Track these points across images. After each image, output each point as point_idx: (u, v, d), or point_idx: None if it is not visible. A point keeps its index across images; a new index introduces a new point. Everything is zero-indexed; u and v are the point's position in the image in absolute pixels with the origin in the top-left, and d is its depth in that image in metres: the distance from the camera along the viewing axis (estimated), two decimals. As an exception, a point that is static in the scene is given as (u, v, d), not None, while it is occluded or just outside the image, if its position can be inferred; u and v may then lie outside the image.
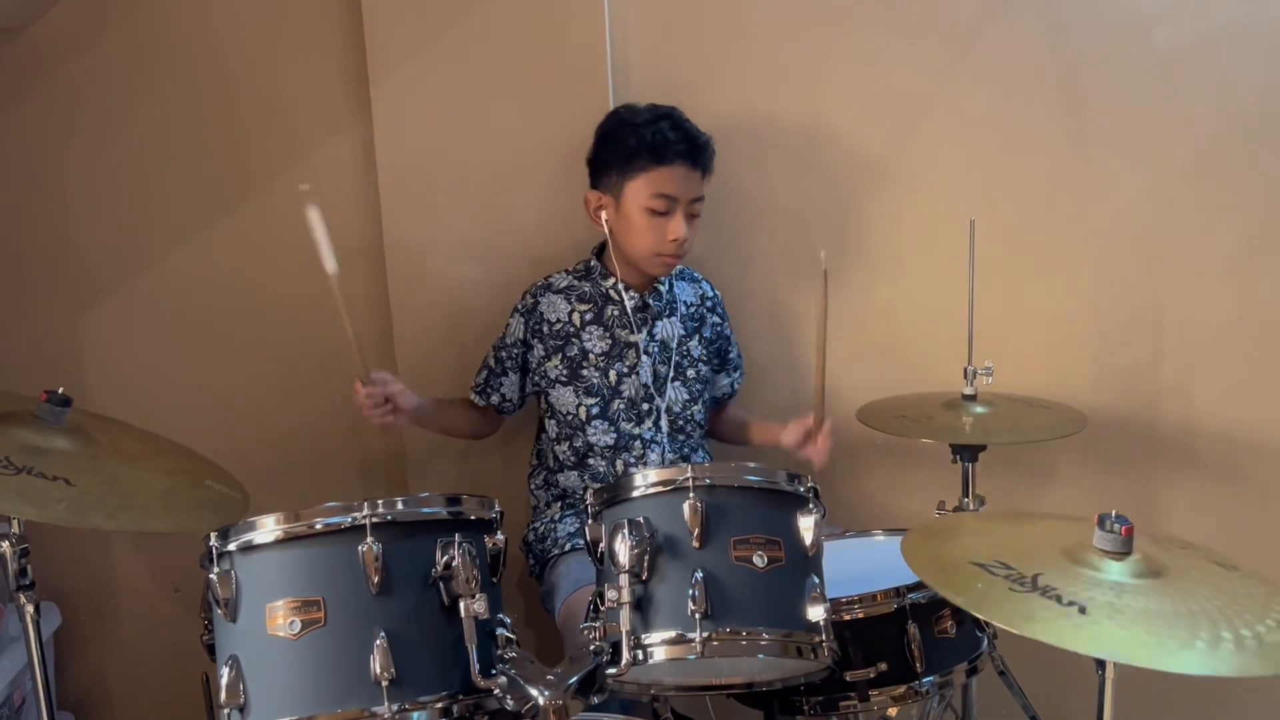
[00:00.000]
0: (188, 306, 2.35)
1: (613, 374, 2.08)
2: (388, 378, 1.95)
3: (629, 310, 2.08)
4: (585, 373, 2.07)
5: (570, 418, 2.08)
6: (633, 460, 2.09)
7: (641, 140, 1.97)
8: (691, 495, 1.39)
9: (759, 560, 1.39)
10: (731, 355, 2.25)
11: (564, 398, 2.08)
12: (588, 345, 2.08)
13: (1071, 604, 1.25)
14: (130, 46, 2.27)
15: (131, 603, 2.46)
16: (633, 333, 2.08)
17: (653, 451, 2.10)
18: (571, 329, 2.08)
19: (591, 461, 2.09)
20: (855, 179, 2.29)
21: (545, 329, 2.08)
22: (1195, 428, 2.28)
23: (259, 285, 2.35)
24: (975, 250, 1.98)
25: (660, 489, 1.42)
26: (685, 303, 2.16)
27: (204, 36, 2.28)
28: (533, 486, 2.20)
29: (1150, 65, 2.19)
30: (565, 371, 2.08)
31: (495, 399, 2.14)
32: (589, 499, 1.49)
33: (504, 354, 2.12)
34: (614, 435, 2.08)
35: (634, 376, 2.08)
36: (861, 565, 1.84)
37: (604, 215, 2.04)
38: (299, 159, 2.31)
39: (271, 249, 2.33)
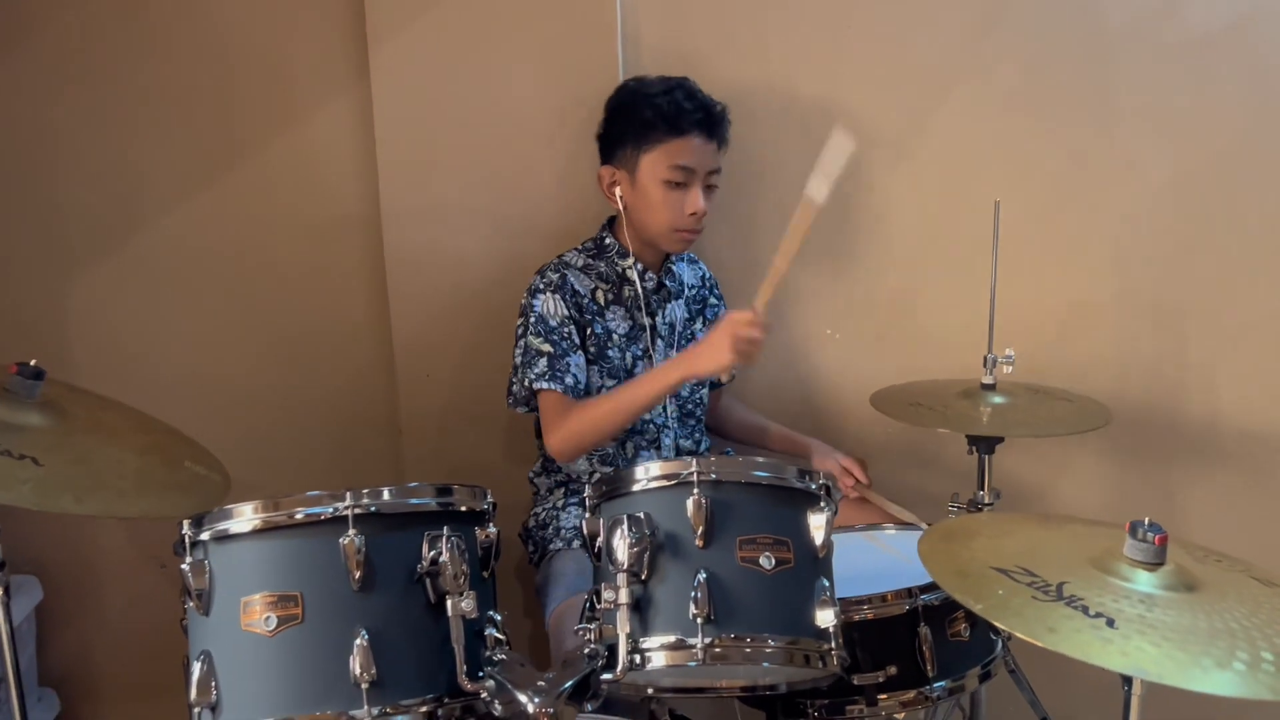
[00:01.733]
0: (179, 273, 2.28)
1: (629, 356, 2.00)
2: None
3: (645, 292, 2.00)
4: (610, 354, 1.98)
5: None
6: (644, 444, 2.02)
7: (657, 110, 1.90)
8: (696, 491, 1.32)
9: (766, 561, 1.32)
10: None
11: (591, 377, 1.98)
12: (611, 325, 1.99)
13: (1099, 615, 1.17)
14: (123, 2, 2.18)
15: (116, 578, 2.39)
16: (647, 315, 2.01)
17: (666, 436, 2.03)
18: (595, 307, 1.99)
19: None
20: (873, 157, 2.20)
21: (580, 302, 1.97)
22: (1220, 423, 2.21)
23: (252, 253, 2.28)
24: (999, 233, 1.90)
25: (663, 483, 1.35)
26: (688, 285, 2.10)
27: (200, -6, 2.19)
28: (532, 474, 2.12)
29: (1182, 46, 2.11)
30: (593, 349, 1.98)
31: (570, 380, 1.91)
32: (587, 491, 1.41)
33: (555, 336, 1.91)
34: None
35: (647, 360, 2.01)
36: (871, 561, 1.78)
37: (618, 191, 1.96)
38: (294, 122, 2.22)
39: (266, 216, 2.26)
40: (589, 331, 1.97)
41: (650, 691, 1.41)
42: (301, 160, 2.23)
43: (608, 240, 2.02)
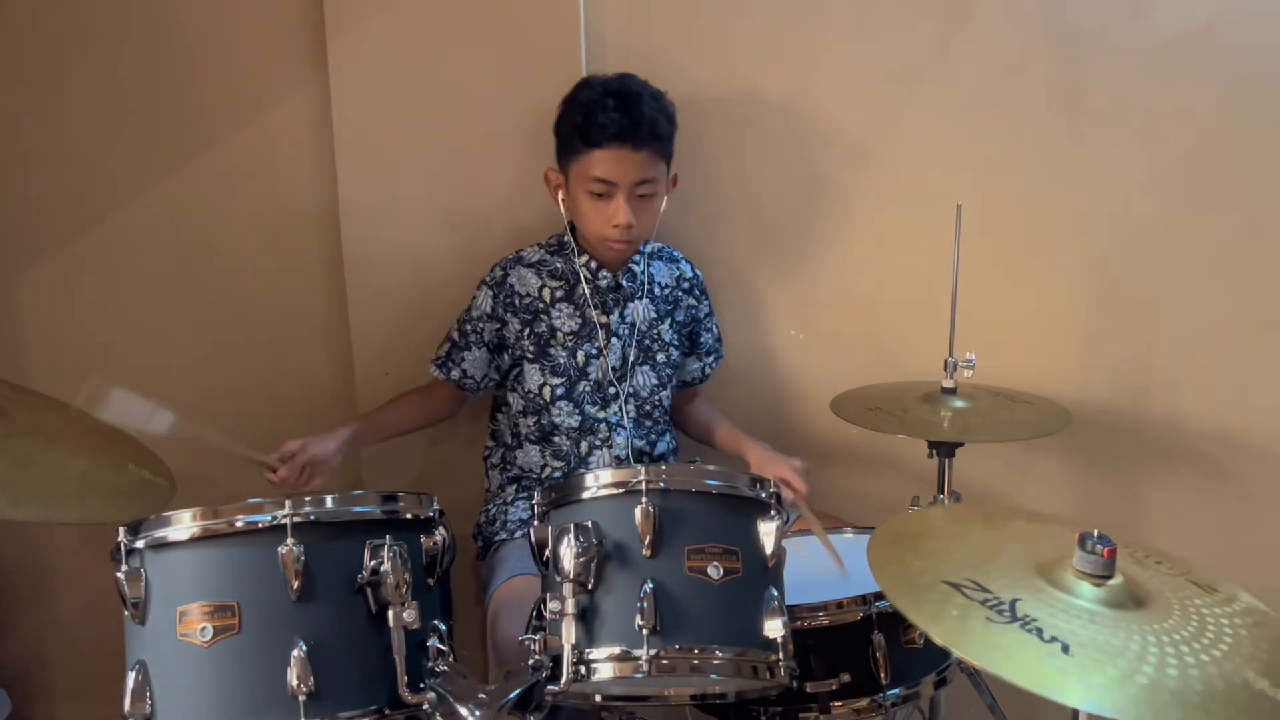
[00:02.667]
0: (132, 270, 2.24)
1: (580, 354, 1.98)
2: (292, 448, 1.81)
3: (600, 290, 1.99)
4: (553, 351, 1.98)
5: (534, 396, 1.99)
6: (597, 443, 2.00)
7: (574, 122, 1.88)
8: (644, 499, 1.30)
9: (714, 571, 1.30)
10: (704, 339, 2.14)
11: (530, 375, 1.99)
12: (556, 323, 1.98)
13: (1054, 640, 1.16)
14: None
15: (70, 577, 2.37)
16: (603, 313, 1.99)
17: (618, 435, 2.01)
18: (540, 305, 1.98)
19: (556, 439, 2.01)
20: (837, 157, 2.18)
21: (516, 302, 1.99)
22: (1183, 426, 2.20)
23: (208, 249, 2.24)
24: (961, 236, 1.88)
25: (612, 491, 1.33)
26: (660, 284, 2.07)
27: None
28: (488, 466, 2.11)
29: (1151, 48, 2.09)
30: (533, 348, 1.98)
31: (456, 374, 2.03)
32: (536, 498, 1.40)
33: (469, 327, 2.02)
34: (579, 418, 1.99)
35: (602, 358, 1.99)
36: (829, 564, 1.76)
37: (560, 195, 1.95)
38: (251, 117, 2.18)
39: (222, 212, 2.22)
40: (529, 330, 1.97)
41: (599, 699, 1.40)
42: (258, 156, 2.19)
43: (566, 238, 2.01)
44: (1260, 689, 1.11)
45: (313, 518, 1.23)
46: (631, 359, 2.01)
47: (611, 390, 2.00)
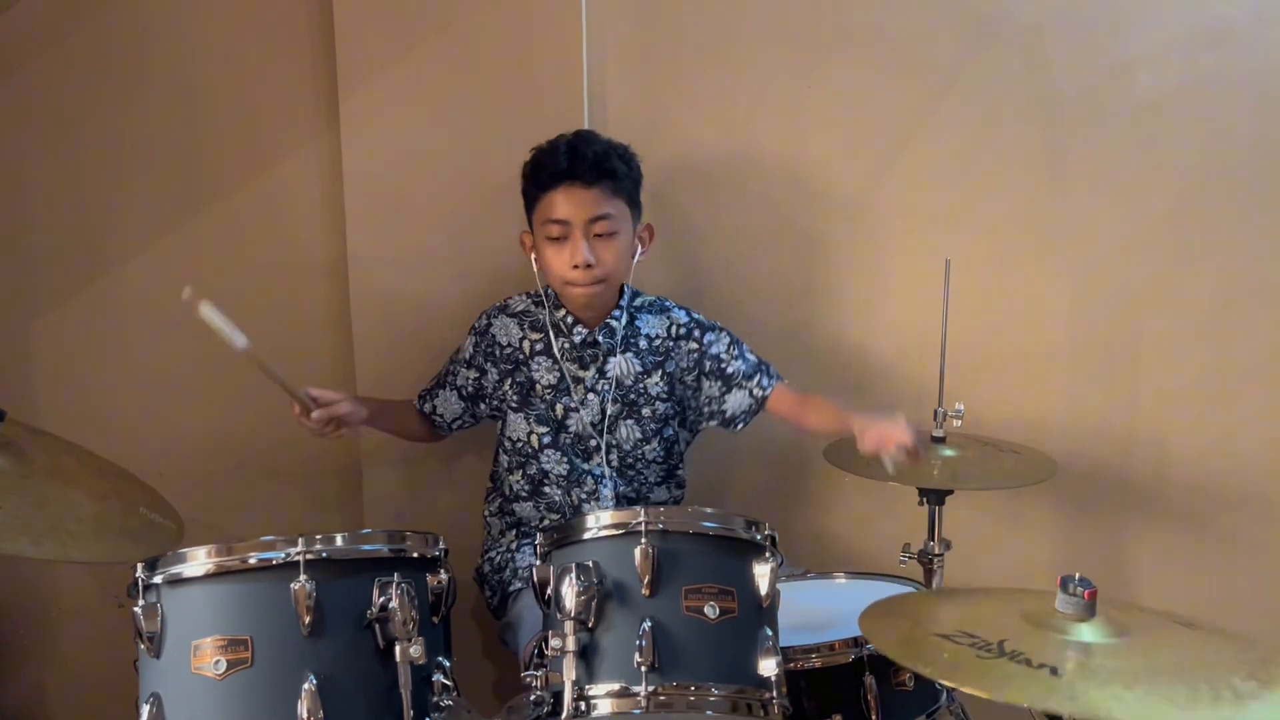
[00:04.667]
0: (145, 316, 2.29)
1: (559, 407, 2.01)
2: (332, 397, 1.88)
3: (575, 345, 2.00)
4: (534, 400, 2.02)
5: (522, 445, 2.03)
6: (584, 495, 2.03)
7: (526, 174, 1.94)
8: (644, 540, 1.35)
9: (710, 611, 1.35)
10: (732, 370, 2.03)
11: (516, 424, 2.03)
12: (535, 375, 2.01)
13: (1042, 666, 1.21)
14: (96, 46, 2.22)
15: (73, 616, 2.39)
16: (580, 368, 2.02)
17: (605, 487, 2.03)
18: (521, 356, 2.02)
19: (547, 490, 2.03)
20: (831, 213, 2.25)
21: (497, 352, 2.03)
22: (1167, 476, 2.25)
23: (219, 296, 2.24)
24: (950, 290, 1.94)
25: (612, 532, 1.38)
26: (648, 336, 2.04)
27: (173, 39, 2.22)
28: (487, 513, 2.14)
29: (1134, 109, 2.17)
30: (516, 398, 2.02)
31: (428, 408, 2.11)
32: (539, 539, 1.44)
33: (453, 368, 2.09)
34: (567, 466, 2.02)
35: (580, 412, 2.01)
36: (822, 608, 1.79)
37: (533, 255, 1.99)
38: (264, 168, 2.26)
39: (234, 261, 2.28)
40: (510, 380, 2.02)
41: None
42: (270, 207, 2.26)
43: (549, 290, 2.03)
44: (1247, 689, 1.16)
45: (324, 555, 1.27)
46: (611, 413, 2.01)
47: (593, 443, 2.02)
